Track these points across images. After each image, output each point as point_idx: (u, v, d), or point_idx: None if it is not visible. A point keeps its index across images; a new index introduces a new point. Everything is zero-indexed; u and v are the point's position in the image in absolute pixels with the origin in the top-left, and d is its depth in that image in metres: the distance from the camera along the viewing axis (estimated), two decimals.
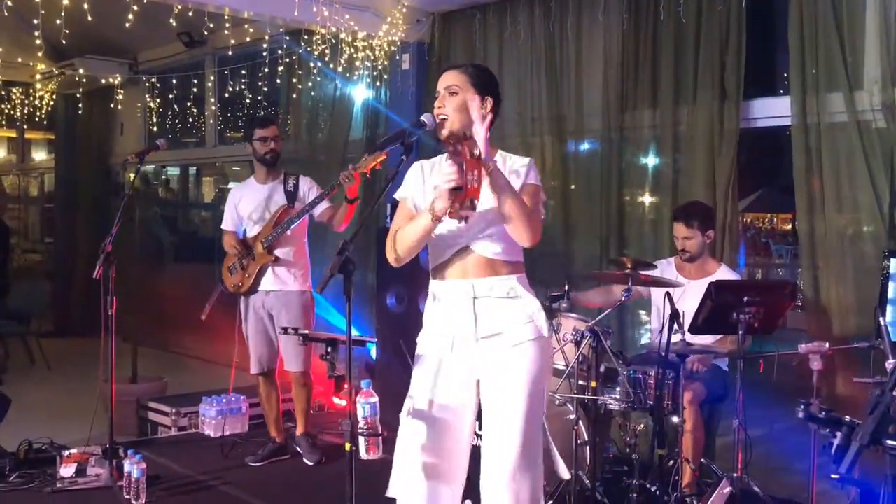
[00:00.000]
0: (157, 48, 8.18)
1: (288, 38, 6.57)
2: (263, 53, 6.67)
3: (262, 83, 7.25)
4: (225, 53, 6.74)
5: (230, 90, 7.62)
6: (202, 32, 7.08)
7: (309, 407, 4.84)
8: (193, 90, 8.03)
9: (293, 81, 6.94)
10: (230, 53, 6.30)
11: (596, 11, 5.22)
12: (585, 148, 5.48)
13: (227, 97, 7.99)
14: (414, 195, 2.70)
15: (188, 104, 8.31)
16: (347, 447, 2.45)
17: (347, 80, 6.48)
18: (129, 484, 3.99)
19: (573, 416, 3.74)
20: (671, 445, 3.83)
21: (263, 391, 4.79)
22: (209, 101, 8.00)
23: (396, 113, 6.21)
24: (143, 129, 9.15)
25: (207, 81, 7.92)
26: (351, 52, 6.13)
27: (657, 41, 4.90)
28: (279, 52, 6.59)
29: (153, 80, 8.51)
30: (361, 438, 2.48)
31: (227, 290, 4.76)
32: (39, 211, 12.79)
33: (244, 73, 7.14)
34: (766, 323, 3.50)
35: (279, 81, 7.05)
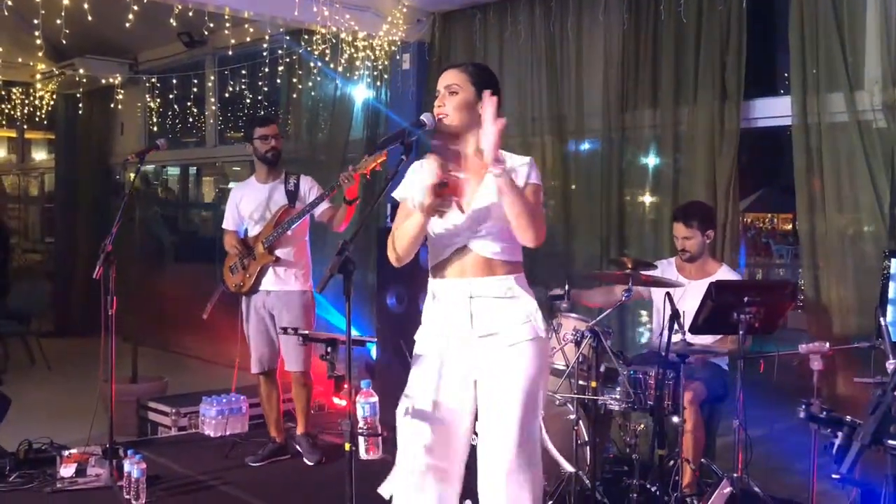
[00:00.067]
0: (157, 48, 8.18)
1: (288, 37, 6.56)
2: (264, 53, 6.66)
3: (262, 83, 7.25)
4: (225, 53, 6.74)
5: (230, 90, 7.61)
6: (202, 32, 7.08)
7: (309, 407, 4.84)
8: (193, 90, 8.03)
9: (293, 81, 6.94)
10: (230, 53, 6.30)
11: (596, 11, 5.21)
12: (586, 148, 5.47)
13: (227, 97, 7.99)
14: (413, 195, 2.69)
15: (188, 104, 8.31)
16: (347, 447, 2.45)
17: (348, 79, 6.47)
18: (129, 484, 3.98)
19: (573, 416, 3.74)
20: (671, 445, 3.83)
21: (264, 391, 4.79)
22: (209, 100, 7.99)
23: (397, 113, 6.20)
24: (143, 129, 9.14)
25: (207, 81, 7.92)
26: (351, 51, 6.13)
27: (658, 41, 4.90)
28: (279, 51, 6.58)
29: (153, 79, 8.50)
30: (361, 438, 2.47)
31: (228, 289, 4.76)
32: (40, 211, 12.78)
33: (244, 72, 7.13)
34: (766, 323, 3.50)
35: (279, 81, 7.05)
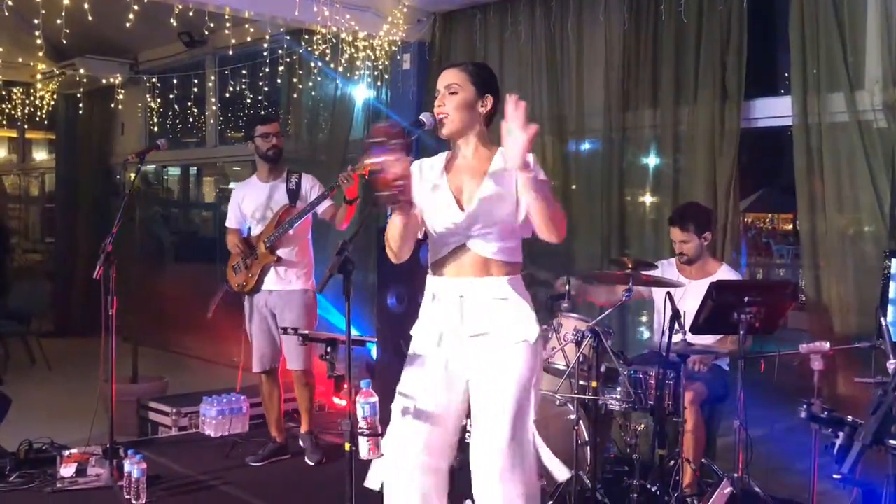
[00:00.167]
0: (157, 48, 8.17)
1: (288, 37, 6.56)
2: (264, 53, 6.66)
3: (262, 83, 7.25)
4: (225, 53, 6.74)
5: (231, 90, 7.61)
6: (203, 32, 7.08)
7: (312, 405, 4.84)
8: (194, 90, 8.02)
9: (294, 81, 6.93)
10: (231, 53, 6.29)
11: (597, 11, 5.21)
12: (586, 148, 5.47)
13: (227, 97, 7.98)
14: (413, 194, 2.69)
15: (189, 104, 8.31)
16: (347, 447, 2.45)
17: (348, 79, 6.47)
18: (129, 484, 3.98)
19: (574, 416, 3.74)
20: (672, 445, 3.83)
21: (266, 390, 4.79)
22: (210, 100, 7.99)
23: (397, 113, 6.20)
24: (143, 128, 9.14)
25: (208, 81, 7.91)
26: (352, 51, 6.13)
27: (658, 41, 4.89)
28: (280, 51, 6.58)
29: (154, 79, 8.50)
30: (361, 438, 2.47)
31: (231, 289, 4.77)
32: (40, 211, 12.78)
33: (245, 72, 7.13)
34: (767, 323, 3.50)
35: (280, 81, 7.05)
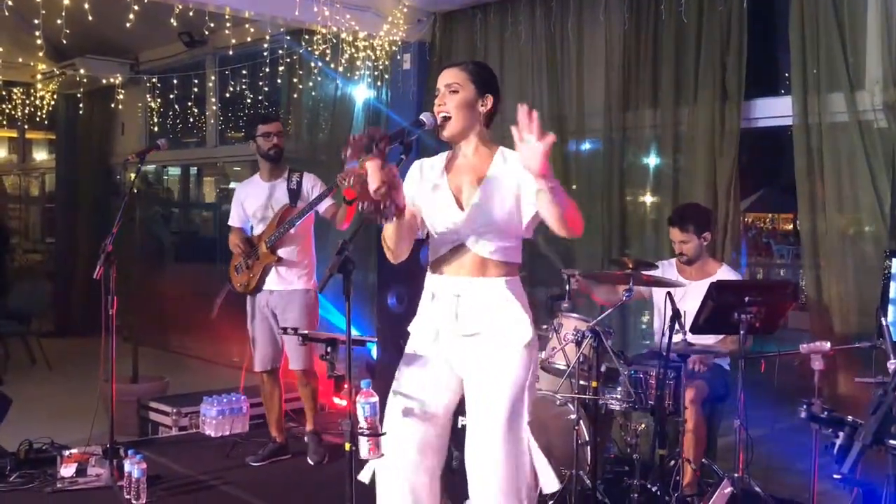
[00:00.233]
0: (157, 48, 8.17)
1: (289, 37, 6.56)
2: (264, 53, 6.65)
3: (262, 83, 7.24)
4: (226, 53, 6.74)
5: (231, 90, 7.61)
6: (203, 32, 7.07)
7: (315, 404, 4.84)
8: (194, 90, 8.02)
9: (294, 81, 6.93)
10: (231, 53, 6.29)
11: (597, 11, 5.21)
12: (587, 148, 5.47)
13: (227, 97, 7.98)
14: (413, 194, 2.69)
15: (189, 104, 8.31)
16: (347, 447, 2.44)
17: (348, 79, 6.47)
18: (129, 484, 3.98)
19: (574, 415, 3.74)
20: (672, 445, 3.83)
21: (267, 389, 4.80)
22: (210, 100, 7.99)
23: (397, 113, 6.20)
24: (143, 129, 9.14)
25: (208, 81, 7.91)
26: (352, 51, 6.13)
27: (658, 41, 4.89)
28: (280, 51, 6.58)
29: (154, 79, 8.50)
30: (361, 438, 2.47)
31: (234, 289, 4.77)
32: (40, 211, 12.78)
33: (245, 72, 7.13)
34: (767, 323, 3.50)
35: (280, 81, 7.04)
